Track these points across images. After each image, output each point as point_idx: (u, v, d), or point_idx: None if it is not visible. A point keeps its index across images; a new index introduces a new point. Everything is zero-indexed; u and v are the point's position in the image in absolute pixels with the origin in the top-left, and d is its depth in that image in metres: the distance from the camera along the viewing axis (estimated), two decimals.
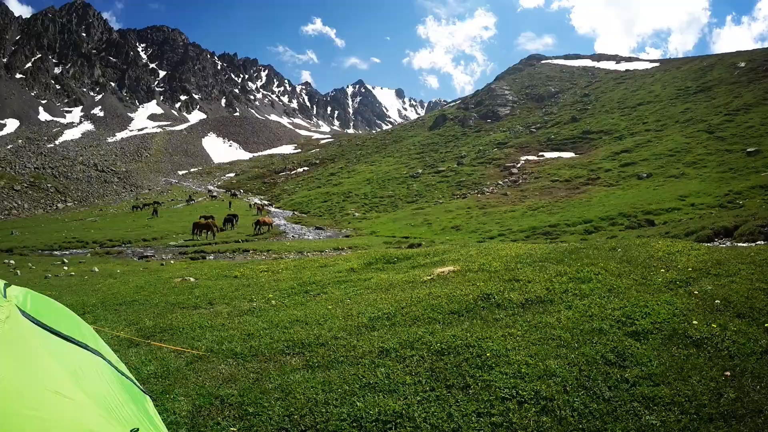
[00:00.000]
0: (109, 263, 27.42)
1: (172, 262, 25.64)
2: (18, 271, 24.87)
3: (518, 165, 62.46)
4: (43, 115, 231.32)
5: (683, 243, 10.41)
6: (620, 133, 65.22)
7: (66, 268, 25.46)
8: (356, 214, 55.72)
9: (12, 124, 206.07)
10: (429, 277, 10.38)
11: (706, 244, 11.83)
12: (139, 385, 4.49)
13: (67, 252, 37.47)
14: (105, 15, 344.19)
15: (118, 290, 14.53)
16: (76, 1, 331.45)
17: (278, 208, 76.00)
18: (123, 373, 4.18)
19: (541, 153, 66.70)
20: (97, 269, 23.54)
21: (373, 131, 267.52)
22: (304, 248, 28.42)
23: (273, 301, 10.38)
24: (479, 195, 51.98)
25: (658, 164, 46.60)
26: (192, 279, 15.27)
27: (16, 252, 37.59)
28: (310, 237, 40.22)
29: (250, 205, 72.38)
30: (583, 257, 10.04)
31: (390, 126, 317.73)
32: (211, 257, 28.42)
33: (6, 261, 30.61)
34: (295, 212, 67.68)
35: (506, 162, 65.26)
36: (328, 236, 40.35)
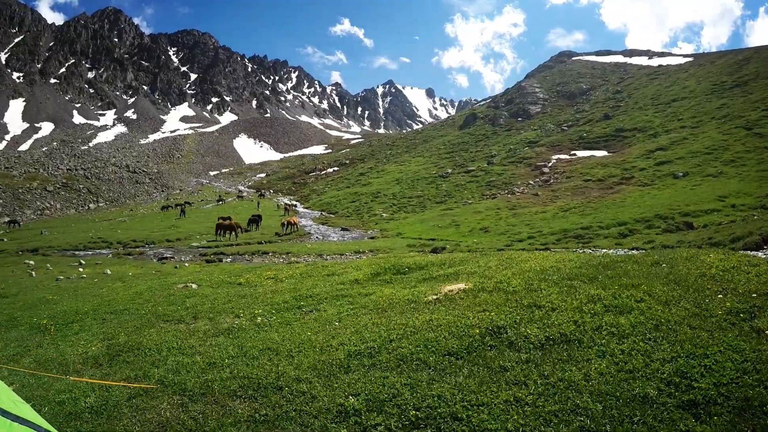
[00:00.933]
0: (126, 265, 27.39)
1: (186, 264, 25.39)
2: (33, 273, 25.09)
3: (550, 164, 61.14)
4: (78, 119, 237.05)
5: (737, 257, 8.83)
6: (654, 130, 63.42)
7: (81, 269, 25.52)
8: (384, 214, 55.07)
9: (47, 127, 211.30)
10: (435, 296, 9.32)
11: (761, 256, 10.56)
12: None
13: (90, 252, 37.88)
14: (135, 20, 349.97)
15: (116, 297, 14.57)
16: (107, 7, 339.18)
17: (307, 208, 76.09)
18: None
19: (573, 152, 65.24)
20: (110, 271, 23.52)
21: (404, 131, 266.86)
22: (324, 251, 27.76)
23: (259, 318, 9.86)
24: (509, 195, 50.88)
25: (695, 162, 45.00)
26: (194, 286, 15.08)
27: (40, 252, 38.42)
28: (335, 238, 39.66)
29: (278, 206, 72.27)
30: (621, 275, 8.44)
31: (420, 126, 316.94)
32: (229, 259, 27.96)
33: (26, 261, 31.15)
34: (323, 212, 67.46)
35: (537, 161, 63.99)
36: (353, 238, 39.74)
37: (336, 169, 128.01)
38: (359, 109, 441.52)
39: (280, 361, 7.02)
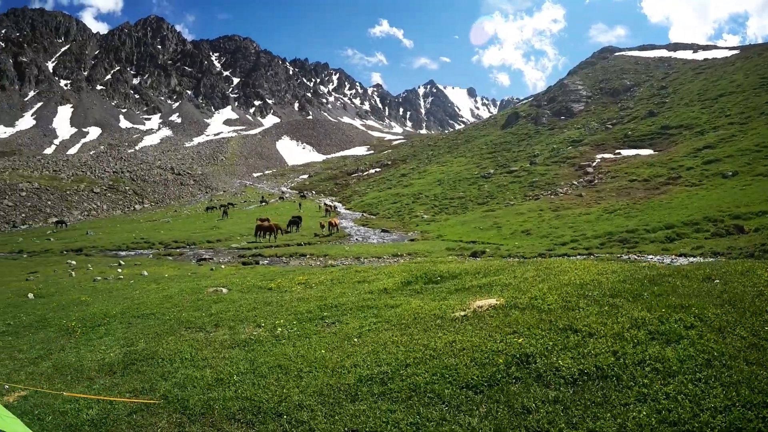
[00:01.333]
0: (164, 266, 27.96)
1: (223, 267, 25.63)
2: (73, 273, 25.95)
3: (594, 164, 60.10)
4: (124, 123, 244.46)
5: None
6: (701, 127, 61.55)
7: (120, 270, 26.19)
8: (425, 216, 54.93)
9: (94, 132, 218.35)
10: (463, 313, 8.80)
11: None
12: None
13: (132, 252, 38.86)
14: (177, 27, 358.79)
15: (146, 300, 14.96)
16: (149, 16, 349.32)
17: (348, 209, 76.26)
18: None
19: (617, 150, 63.94)
20: (146, 273, 24.06)
21: (446, 131, 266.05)
22: (362, 254, 27.66)
23: (279, 329, 9.84)
24: (552, 196, 50.24)
25: (744, 161, 43.30)
26: (224, 290, 15.37)
27: (84, 252, 39.69)
28: (374, 240, 39.67)
29: (319, 207, 72.92)
30: (669, 292, 7.78)
31: (462, 126, 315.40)
32: (266, 262, 28.12)
33: (68, 261, 32.30)
34: (365, 213, 67.59)
35: (581, 161, 62.99)
36: (393, 240, 39.69)
37: (378, 170, 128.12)
38: (401, 109, 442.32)
39: (287, 381, 6.91)
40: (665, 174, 46.69)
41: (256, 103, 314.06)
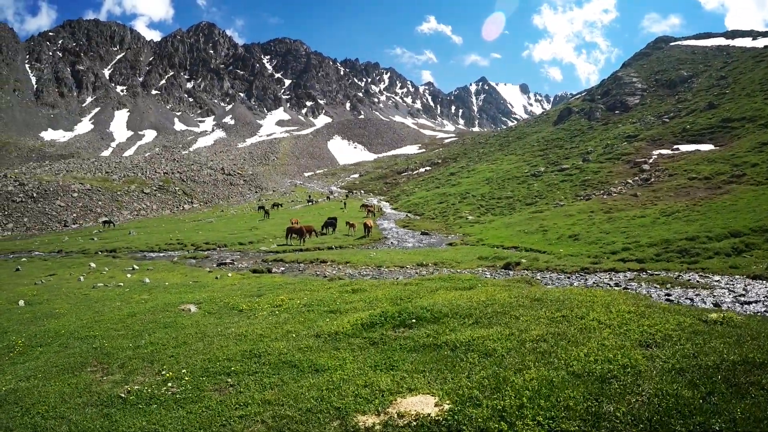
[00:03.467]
0: (175, 272, 27.37)
1: (230, 274, 24.58)
2: (82, 277, 25.66)
3: (650, 160, 56.67)
4: (178, 126, 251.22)
5: None
6: (766, 119, 56.90)
7: (129, 276, 25.85)
8: (469, 217, 52.92)
9: (150, 135, 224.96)
10: (373, 421, 6.33)
11: None
12: None
13: (162, 254, 38.82)
14: (228, 32, 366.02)
15: (107, 317, 14.55)
16: (201, 22, 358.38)
17: (394, 209, 75.50)
18: None
19: (675, 146, 60.14)
20: (148, 280, 23.46)
21: (498, 129, 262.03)
22: (385, 262, 25.89)
23: (169, 383, 8.46)
24: (605, 196, 47.37)
25: None
26: (192, 308, 14.86)
27: (117, 253, 40.06)
28: (410, 245, 37.84)
29: (362, 206, 71.71)
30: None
31: (515, 123, 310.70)
32: (282, 269, 26.91)
33: (90, 264, 32.42)
34: (410, 214, 66.33)
35: (636, 157, 59.60)
36: (430, 243, 37.98)
37: (428, 168, 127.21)
38: (453, 107, 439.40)
39: None
40: (728, 171, 43.24)
41: (308, 103, 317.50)
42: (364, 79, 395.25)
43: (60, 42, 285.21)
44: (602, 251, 24.29)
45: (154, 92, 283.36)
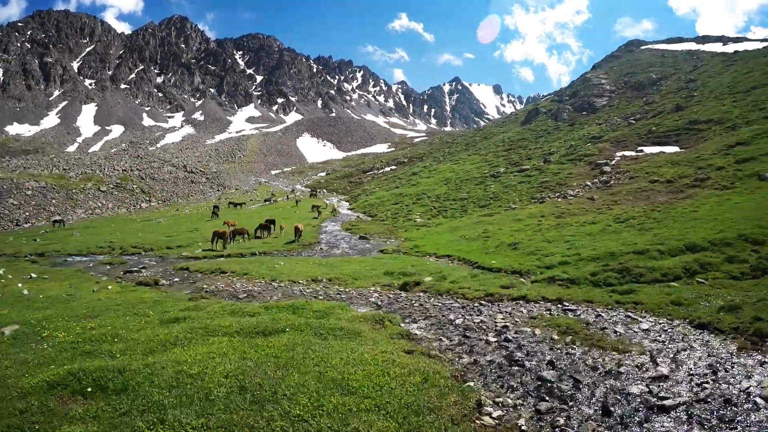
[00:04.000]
0: (71, 280, 24.71)
1: (110, 287, 21.44)
2: None
3: (612, 162, 53.54)
4: (147, 121, 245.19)
5: None
6: (733, 122, 54.56)
7: (20, 285, 22.57)
8: (418, 219, 49.23)
9: (117, 130, 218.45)
10: None
11: None
12: None
13: (86, 258, 35.90)
14: (201, 26, 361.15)
15: None
16: (174, 15, 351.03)
17: (351, 209, 72.19)
18: None
19: (639, 148, 57.22)
20: (27, 291, 20.44)
21: (470, 129, 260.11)
22: (283, 274, 22.63)
23: None
24: (560, 199, 43.87)
25: None
26: (7, 331, 12.19)
27: (45, 256, 37.11)
28: (338, 252, 34.50)
29: (313, 207, 67.77)
30: None
31: (486, 123, 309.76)
32: (174, 281, 23.85)
33: None
34: (363, 215, 62.98)
35: (599, 158, 56.42)
36: (363, 249, 34.83)
37: (393, 168, 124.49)
38: (425, 107, 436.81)
39: None
40: (691, 174, 40.13)
41: (279, 100, 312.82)
42: (337, 77, 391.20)
43: (29, 33, 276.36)
44: (536, 264, 20.71)
45: (123, 86, 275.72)
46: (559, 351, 11.12)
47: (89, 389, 8.04)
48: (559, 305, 15.11)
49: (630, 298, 14.69)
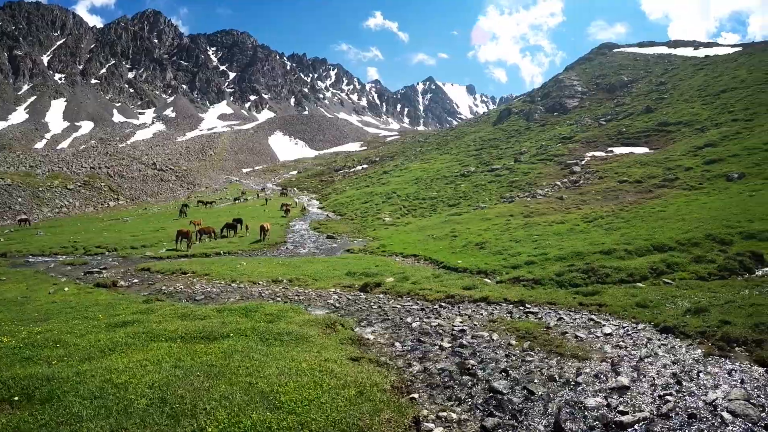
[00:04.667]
0: (27, 282, 23.62)
1: (66, 289, 20.50)
2: None
3: (582, 162, 53.50)
4: (117, 117, 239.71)
5: None
6: (702, 124, 55.32)
7: None
8: (387, 219, 48.53)
9: (87, 126, 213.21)
10: None
11: None
12: None
13: (48, 258, 34.64)
14: (174, 21, 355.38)
15: None
16: (147, 10, 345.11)
17: (321, 208, 71.52)
18: None
19: (609, 148, 57.40)
20: None
21: (443, 128, 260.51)
22: (245, 275, 21.80)
23: None
24: (529, 198, 43.53)
25: (752, 161, 36.76)
26: None
27: (8, 256, 36.22)
28: (304, 251, 33.71)
29: (282, 205, 66.77)
30: None
31: (459, 123, 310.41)
32: (134, 281, 22.97)
33: None
34: (332, 214, 62.37)
35: (568, 159, 56.37)
36: (329, 248, 34.06)
37: (365, 166, 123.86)
38: (399, 106, 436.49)
39: None
40: (660, 175, 40.18)
41: (252, 98, 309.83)
42: (311, 75, 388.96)
43: None
44: (503, 264, 20.14)
45: (93, 81, 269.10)
46: (515, 358, 10.36)
47: (16, 398, 7.57)
48: (521, 307, 14.45)
49: (594, 299, 14.17)
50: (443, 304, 15.47)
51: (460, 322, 13.22)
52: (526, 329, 12.00)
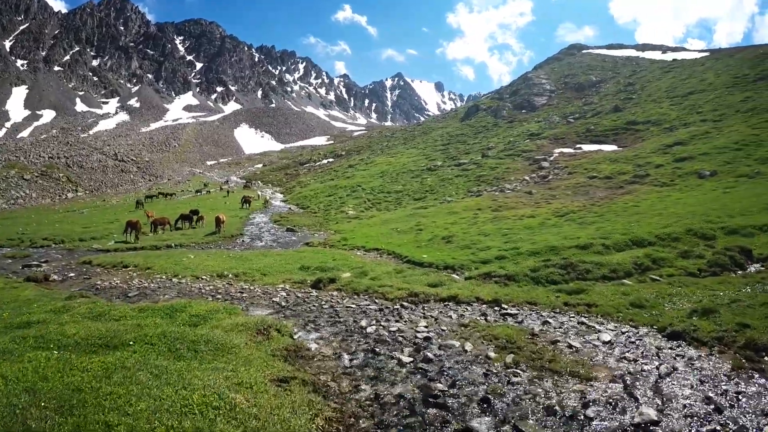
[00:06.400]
0: None
1: None
2: None
3: (551, 158, 52.66)
4: (80, 106, 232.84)
5: None
6: (671, 123, 55.31)
7: None
8: (350, 212, 46.88)
9: (48, 115, 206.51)
10: None
11: None
12: None
13: None
14: (142, 9, 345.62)
15: None
16: None
17: (284, 201, 69.46)
18: None
19: (578, 145, 56.77)
20: None
21: (411, 124, 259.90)
22: (190, 269, 19.95)
23: None
24: (498, 193, 42.36)
25: (723, 160, 36.56)
26: None
27: None
28: (261, 243, 31.95)
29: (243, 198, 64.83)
30: None
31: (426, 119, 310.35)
32: (69, 276, 20.97)
33: None
34: (295, 207, 60.39)
35: (537, 154, 55.47)
36: (286, 242, 32.18)
37: (330, 160, 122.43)
38: (367, 101, 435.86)
39: None
40: (630, 171, 39.51)
41: (219, 89, 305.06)
42: (279, 68, 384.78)
43: None
44: (471, 259, 18.59)
45: (56, 68, 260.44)
46: (497, 379, 8.06)
47: None
48: (496, 308, 12.49)
49: (581, 298, 12.41)
50: (405, 303, 13.51)
51: (425, 327, 11.17)
52: (506, 337, 9.90)
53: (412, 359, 9.19)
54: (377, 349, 9.83)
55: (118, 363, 7.64)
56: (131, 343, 8.90)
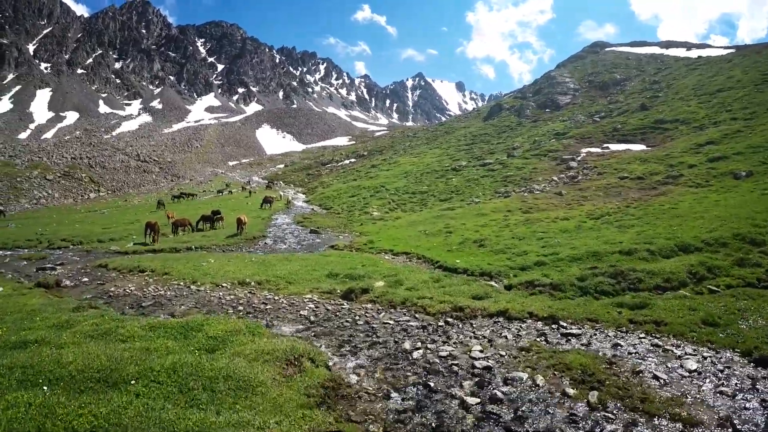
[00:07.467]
0: None
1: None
2: None
3: (578, 158, 51.67)
4: (103, 108, 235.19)
5: None
6: (700, 122, 53.98)
7: None
8: (375, 213, 46.34)
9: (72, 117, 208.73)
10: None
11: None
12: None
13: (9, 252, 32.27)
14: (163, 12, 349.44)
15: None
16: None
17: (307, 201, 69.29)
18: None
19: (605, 145, 55.68)
20: None
21: (433, 123, 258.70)
22: (209, 275, 19.25)
23: None
24: (526, 194, 41.57)
25: (758, 159, 35.20)
26: None
27: None
28: (284, 246, 31.34)
29: (264, 198, 64.54)
30: None
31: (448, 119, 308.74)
32: (83, 281, 20.34)
33: None
34: (318, 207, 60.14)
35: (564, 154, 54.51)
36: (311, 244, 31.81)
37: (353, 160, 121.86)
38: (387, 101, 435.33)
39: None
40: (663, 172, 38.45)
41: (240, 90, 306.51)
42: (300, 68, 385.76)
43: None
44: (508, 265, 17.85)
45: (79, 71, 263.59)
46: (587, 426, 6.87)
47: None
48: (554, 326, 11.36)
49: (645, 314, 11.28)
50: (450, 320, 12.34)
51: (480, 352, 9.90)
52: (580, 366, 8.66)
53: (478, 400, 7.93)
54: (431, 384, 8.58)
55: (113, 417, 6.39)
56: (133, 381, 7.63)
